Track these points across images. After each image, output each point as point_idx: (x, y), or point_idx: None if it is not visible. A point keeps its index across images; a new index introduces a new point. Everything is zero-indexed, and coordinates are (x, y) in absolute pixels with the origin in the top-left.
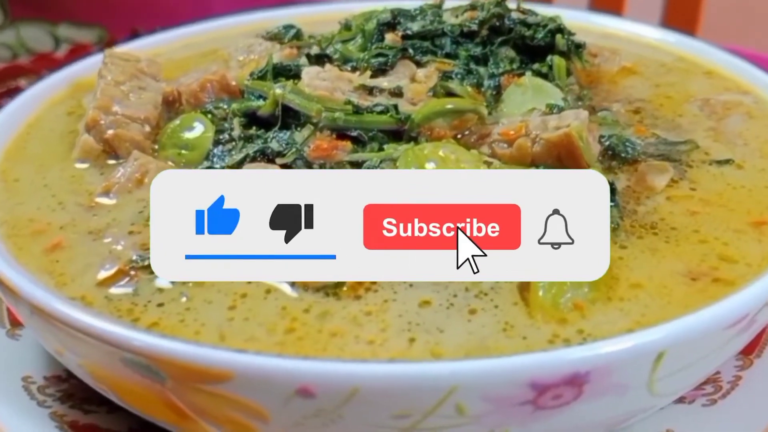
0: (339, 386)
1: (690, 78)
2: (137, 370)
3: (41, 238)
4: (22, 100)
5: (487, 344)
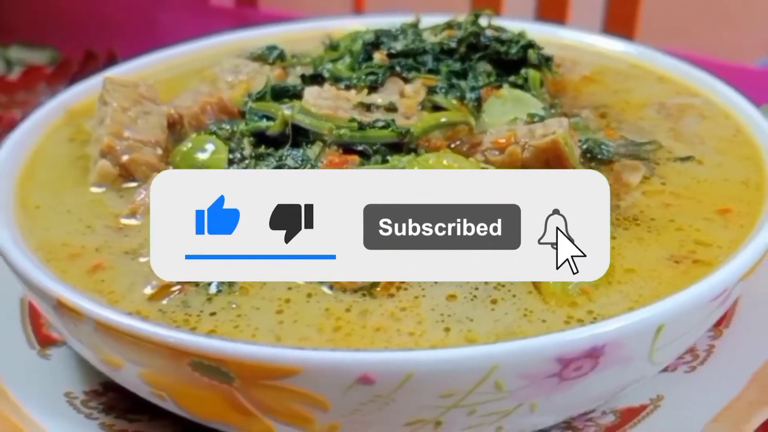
0: (396, 372)
1: (644, 83)
2: (205, 373)
3: (79, 261)
4: (23, 129)
5: (513, 329)
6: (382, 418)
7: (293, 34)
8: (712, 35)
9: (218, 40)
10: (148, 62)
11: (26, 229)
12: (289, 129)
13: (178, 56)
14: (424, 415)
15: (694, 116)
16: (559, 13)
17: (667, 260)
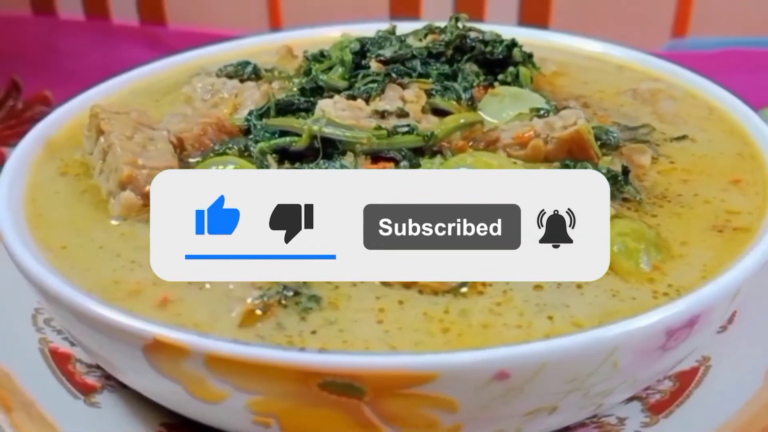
0: (531, 364)
1: (607, 73)
2: (334, 391)
3: (143, 298)
4: (12, 168)
5: (610, 310)
6: (506, 412)
7: (249, 48)
8: (620, 24)
9: (172, 61)
10: (109, 87)
11: (66, 272)
12: (319, 142)
13: (136, 80)
14: (546, 402)
15: (666, 99)
16: (476, 9)
17: (711, 230)
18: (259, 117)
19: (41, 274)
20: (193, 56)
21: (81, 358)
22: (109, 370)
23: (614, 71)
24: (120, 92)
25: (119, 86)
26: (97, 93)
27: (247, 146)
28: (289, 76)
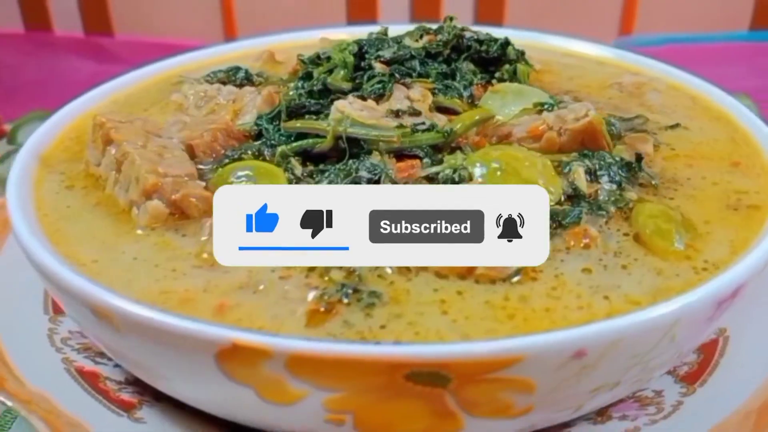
0: (607, 341)
1: (588, 68)
2: (419, 381)
3: (197, 305)
4: (14, 185)
5: (660, 287)
6: (575, 390)
7: (229, 54)
8: (570, 23)
9: (149, 70)
10: (90, 99)
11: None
12: (344, 142)
13: (116, 91)
14: (611, 378)
15: (651, 91)
16: (432, 10)
17: (727, 209)
18: (269, 121)
19: (93, 290)
20: (170, 64)
21: (109, 375)
22: (153, 381)
23: (595, 67)
24: (102, 103)
25: (100, 97)
26: (80, 105)
27: (261, 150)
28: (282, 80)
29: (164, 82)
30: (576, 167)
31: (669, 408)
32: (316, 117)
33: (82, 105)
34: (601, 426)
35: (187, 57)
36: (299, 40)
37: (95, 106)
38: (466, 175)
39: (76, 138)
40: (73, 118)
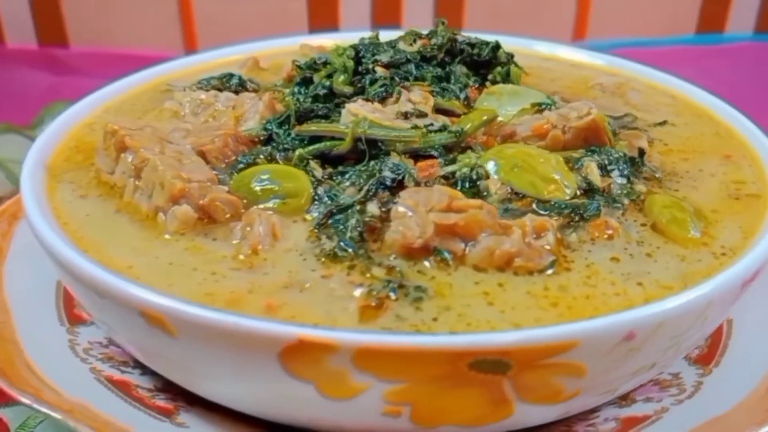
0: (654, 323)
1: (566, 71)
2: (482, 369)
3: (245, 306)
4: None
5: (687, 272)
6: (618, 374)
7: (211, 62)
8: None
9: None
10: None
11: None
12: (364, 143)
13: (106, 100)
14: (650, 360)
15: (632, 91)
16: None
17: (729, 198)
18: (279, 125)
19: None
20: (156, 73)
21: (139, 383)
22: (193, 384)
23: (571, 69)
24: (95, 112)
25: (92, 106)
26: (74, 114)
27: (273, 154)
28: (277, 86)
29: (153, 90)
30: (588, 162)
31: (690, 388)
32: (326, 120)
33: (76, 113)
34: (627, 408)
35: (172, 66)
36: (279, 47)
37: (89, 115)
38: (483, 173)
39: (75, 147)
40: (69, 127)
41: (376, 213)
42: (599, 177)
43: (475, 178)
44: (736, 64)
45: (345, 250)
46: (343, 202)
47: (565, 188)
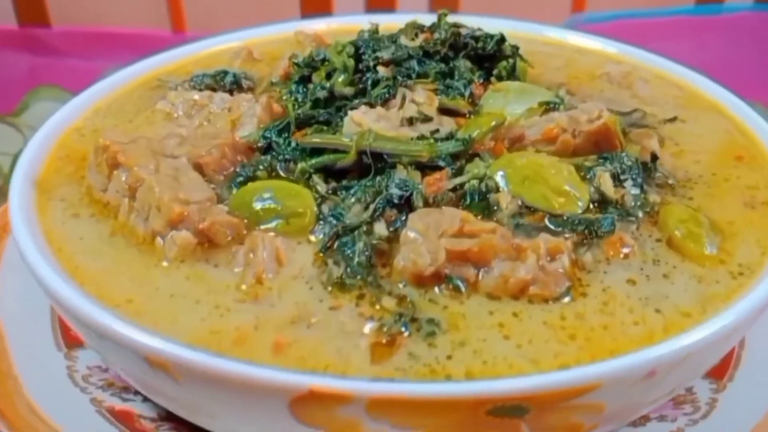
0: (675, 360)
1: (570, 58)
2: (500, 414)
3: (252, 345)
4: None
5: (706, 295)
6: (637, 405)
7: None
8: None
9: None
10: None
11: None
12: (369, 157)
13: (95, 100)
14: (670, 388)
15: (639, 81)
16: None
17: (744, 207)
18: (278, 133)
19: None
20: (146, 67)
21: (141, 413)
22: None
23: (576, 55)
24: (85, 114)
25: (82, 108)
26: (63, 118)
27: (273, 165)
28: (273, 83)
29: (143, 86)
30: (601, 173)
31: (705, 407)
32: (326, 127)
33: (65, 118)
34: (642, 428)
35: (163, 58)
36: (273, 35)
37: (78, 118)
38: (493, 186)
39: (66, 157)
40: (58, 133)
41: (384, 234)
42: (612, 188)
43: (484, 191)
44: (735, 36)
45: (353, 277)
46: (349, 223)
47: (577, 201)
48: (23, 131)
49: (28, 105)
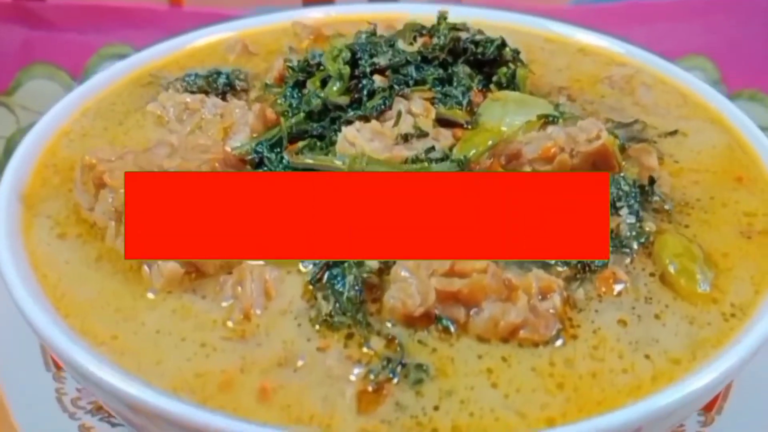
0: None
1: (573, 58)
2: None
3: (238, 390)
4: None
5: (697, 339)
6: None
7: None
8: None
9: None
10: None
11: (134, 370)
12: None
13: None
14: None
15: (642, 86)
16: None
17: (740, 236)
18: (270, 148)
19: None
20: (137, 61)
21: None
22: None
23: (578, 55)
24: (73, 117)
25: (70, 110)
26: (50, 122)
27: None
28: (268, 85)
29: (134, 83)
30: None
31: None
32: (320, 142)
33: (52, 121)
34: None
35: (154, 51)
36: (270, 25)
37: (66, 122)
38: None
39: (53, 166)
40: (45, 139)
41: (375, 267)
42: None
43: None
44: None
45: (343, 314)
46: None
47: None
48: (16, 112)
49: (21, 83)
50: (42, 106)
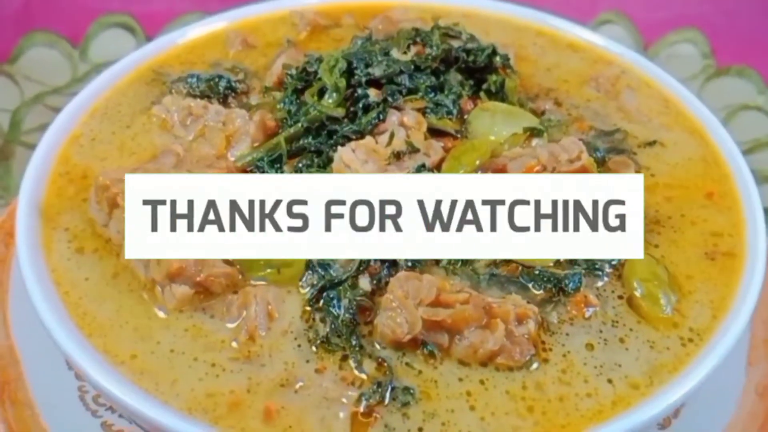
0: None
1: (562, 54)
2: None
3: (244, 411)
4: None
5: (655, 364)
6: None
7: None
8: None
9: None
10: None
11: (152, 390)
12: None
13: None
14: None
15: (626, 89)
16: None
17: (704, 258)
18: (271, 164)
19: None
20: (140, 57)
21: None
22: None
23: (568, 52)
24: (82, 120)
25: (79, 112)
26: (61, 126)
27: None
28: (268, 88)
29: (138, 81)
30: None
31: None
32: (318, 157)
33: (63, 126)
34: None
35: (155, 47)
36: (267, 13)
37: (76, 126)
38: None
39: (66, 175)
40: (57, 146)
41: (368, 289)
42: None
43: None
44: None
45: (338, 337)
46: (335, 275)
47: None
48: (19, 82)
49: (23, 50)
50: (44, 76)
